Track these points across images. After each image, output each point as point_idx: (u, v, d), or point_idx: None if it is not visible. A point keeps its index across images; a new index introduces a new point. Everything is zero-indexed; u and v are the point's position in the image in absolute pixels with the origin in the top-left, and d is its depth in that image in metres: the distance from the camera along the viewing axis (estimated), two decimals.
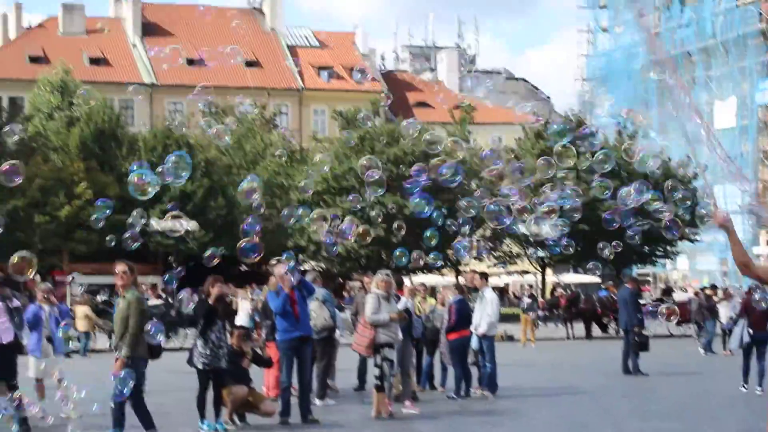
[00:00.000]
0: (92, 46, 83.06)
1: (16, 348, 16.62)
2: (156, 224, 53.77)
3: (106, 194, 57.41)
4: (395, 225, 22.64)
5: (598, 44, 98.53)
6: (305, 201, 58.85)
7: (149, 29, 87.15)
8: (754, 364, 21.08)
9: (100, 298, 41.84)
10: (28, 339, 17.64)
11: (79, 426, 15.44)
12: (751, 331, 20.93)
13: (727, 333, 32.15)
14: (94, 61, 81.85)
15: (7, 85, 76.89)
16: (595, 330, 45.30)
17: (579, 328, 44.87)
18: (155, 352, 14.02)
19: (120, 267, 13.83)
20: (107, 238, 18.31)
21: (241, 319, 22.59)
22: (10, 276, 13.66)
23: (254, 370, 20.88)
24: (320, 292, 19.07)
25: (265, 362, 17.44)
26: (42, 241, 56.96)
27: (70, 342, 24.26)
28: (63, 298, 43.86)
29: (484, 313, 20.46)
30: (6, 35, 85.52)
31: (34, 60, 78.52)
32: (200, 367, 15.44)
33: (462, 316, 20.08)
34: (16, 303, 16.70)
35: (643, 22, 57.05)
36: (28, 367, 17.51)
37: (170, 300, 41.55)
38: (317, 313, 18.70)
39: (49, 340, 17.45)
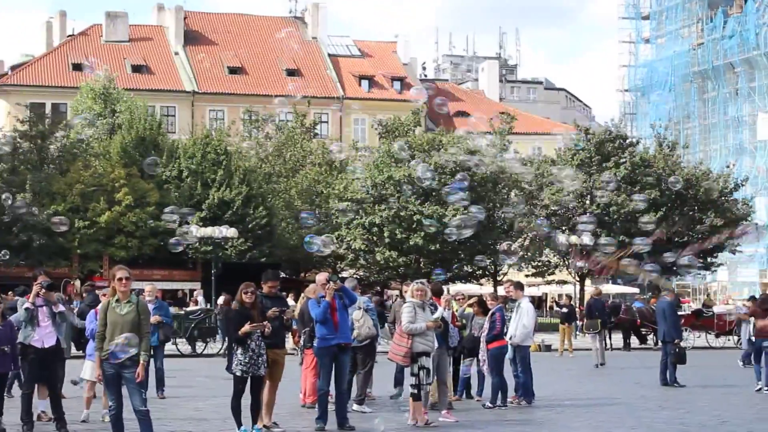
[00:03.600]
0: (135, 53, 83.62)
1: (58, 353, 16.79)
2: (195, 231, 54.04)
3: (146, 201, 58.00)
4: None
5: (639, 55, 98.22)
6: (345, 209, 59.01)
7: (191, 37, 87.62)
8: None
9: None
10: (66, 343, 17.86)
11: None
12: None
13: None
14: (137, 69, 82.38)
15: (51, 92, 77.56)
16: (634, 341, 45.19)
17: (617, 338, 44.76)
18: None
19: (122, 273, 13.91)
20: None
21: None
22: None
23: (293, 376, 21.00)
24: (361, 300, 19.14)
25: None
26: (82, 246, 57.42)
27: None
28: None
29: (520, 323, 20.47)
30: (50, 42, 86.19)
31: (77, 67, 79.18)
32: (239, 374, 15.50)
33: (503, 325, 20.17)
34: (60, 308, 16.87)
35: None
36: (84, 370, 17.75)
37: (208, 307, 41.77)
38: (361, 322, 18.80)
39: None
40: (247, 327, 15.37)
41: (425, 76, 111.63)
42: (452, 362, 20.43)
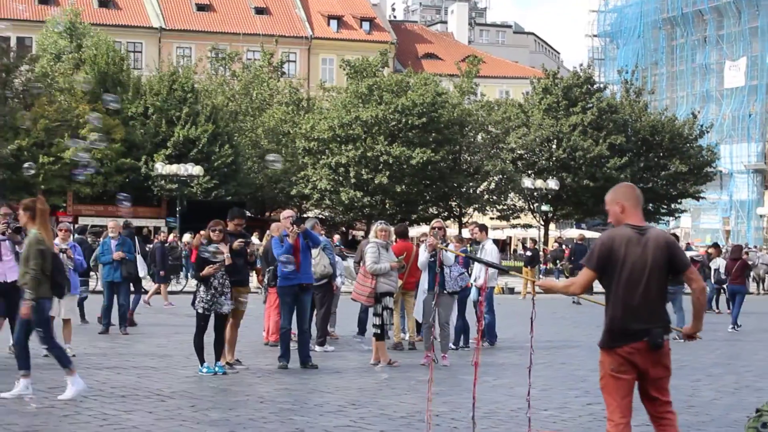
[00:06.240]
0: None
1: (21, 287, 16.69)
2: (160, 168, 53.86)
3: (112, 137, 57.61)
4: None
5: (609, 0, 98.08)
6: (311, 149, 59.01)
7: None
8: None
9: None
10: None
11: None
12: None
13: (723, 291, 32.88)
14: (103, 4, 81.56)
15: (16, 26, 76.65)
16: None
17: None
18: (59, 291, 13.75)
19: (22, 204, 13.36)
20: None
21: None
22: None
23: (257, 314, 21.02)
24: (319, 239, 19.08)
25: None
26: (46, 181, 57.09)
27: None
28: None
29: (483, 266, 20.41)
30: None
31: (43, 1, 78.28)
32: (200, 311, 15.48)
33: (465, 266, 20.09)
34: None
35: None
36: None
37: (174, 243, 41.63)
38: (317, 260, 18.70)
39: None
40: (207, 270, 15.35)
41: (394, 17, 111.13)
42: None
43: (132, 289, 23.22)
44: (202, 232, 20.80)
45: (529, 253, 42.75)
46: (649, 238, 8.04)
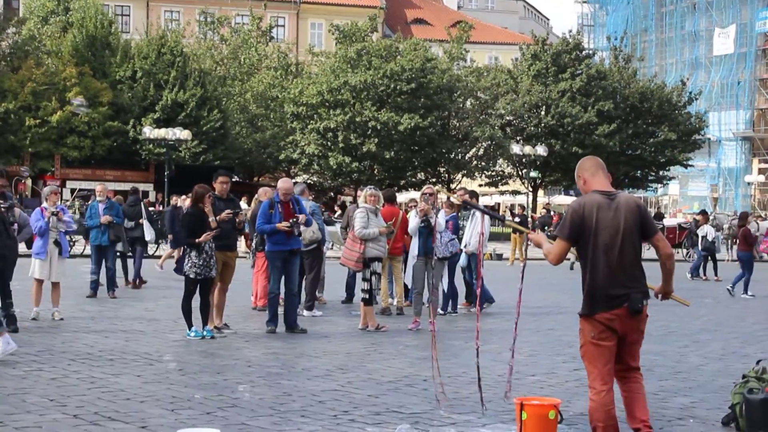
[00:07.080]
0: None
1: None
2: (148, 132, 53.70)
3: (99, 101, 57.38)
4: None
5: None
6: (299, 114, 58.88)
7: None
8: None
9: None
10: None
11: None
12: None
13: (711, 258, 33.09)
14: None
15: None
16: None
17: None
18: None
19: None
20: None
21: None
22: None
23: (245, 279, 21.03)
24: (308, 204, 19.04)
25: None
26: (33, 145, 56.88)
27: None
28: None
29: (474, 231, 20.45)
30: None
31: None
32: (192, 276, 15.44)
33: (455, 233, 20.08)
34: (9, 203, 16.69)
35: None
36: (33, 268, 17.56)
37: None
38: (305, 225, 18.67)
39: (56, 243, 17.49)
40: (205, 236, 15.31)
41: None
42: (404, 268, 20.23)
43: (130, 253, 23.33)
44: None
45: (517, 219, 42.76)
46: (619, 202, 8.05)
